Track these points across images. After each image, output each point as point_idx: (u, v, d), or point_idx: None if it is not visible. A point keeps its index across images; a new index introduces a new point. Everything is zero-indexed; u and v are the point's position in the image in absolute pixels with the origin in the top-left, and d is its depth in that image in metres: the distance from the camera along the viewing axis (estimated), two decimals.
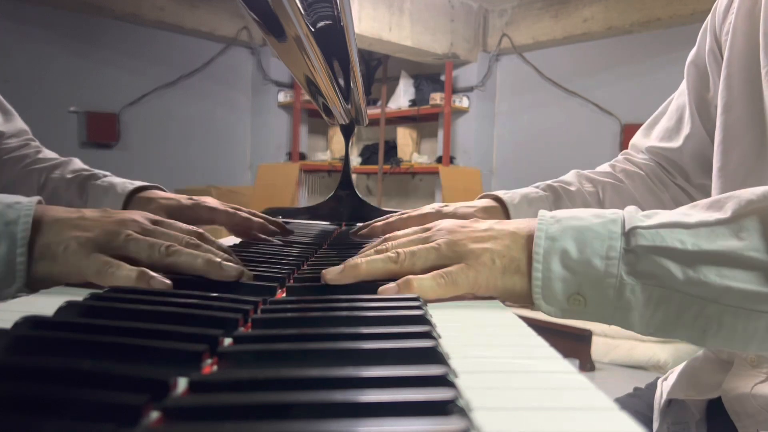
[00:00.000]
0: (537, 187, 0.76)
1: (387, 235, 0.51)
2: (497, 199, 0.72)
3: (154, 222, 0.49)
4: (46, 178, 0.76)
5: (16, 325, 0.28)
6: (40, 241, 0.43)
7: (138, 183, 0.75)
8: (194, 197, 0.73)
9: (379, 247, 0.48)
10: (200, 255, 0.44)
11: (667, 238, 0.41)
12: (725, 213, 0.42)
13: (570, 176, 0.79)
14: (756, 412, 0.62)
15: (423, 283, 0.41)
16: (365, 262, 0.44)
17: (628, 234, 0.41)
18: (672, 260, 0.40)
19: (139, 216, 0.48)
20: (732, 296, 0.39)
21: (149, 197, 0.72)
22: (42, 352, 0.26)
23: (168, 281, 0.41)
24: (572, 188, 0.75)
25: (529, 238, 0.44)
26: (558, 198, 0.74)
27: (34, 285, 0.43)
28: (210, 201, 0.73)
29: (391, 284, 0.42)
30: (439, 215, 0.67)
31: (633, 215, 0.43)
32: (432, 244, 0.45)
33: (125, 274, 0.41)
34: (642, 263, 0.41)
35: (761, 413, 0.61)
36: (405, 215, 0.69)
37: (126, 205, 0.71)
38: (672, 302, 0.40)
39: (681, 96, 0.76)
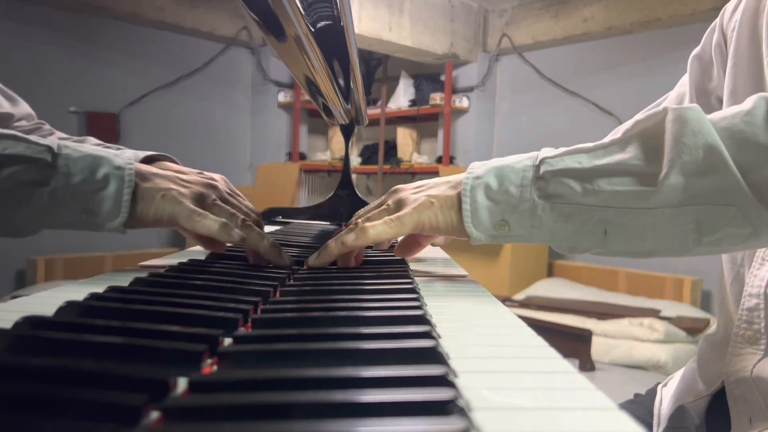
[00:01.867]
0: None
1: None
2: None
3: (230, 193, 0.58)
4: None
5: (16, 325, 0.29)
6: (144, 185, 0.51)
7: (149, 152, 0.72)
8: (205, 173, 0.73)
9: (347, 227, 0.55)
10: (266, 237, 0.52)
11: (568, 161, 0.48)
12: (618, 134, 0.49)
13: None
14: (753, 399, 0.62)
15: (376, 228, 0.51)
16: (332, 242, 0.52)
17: (539, 165, 0.48)
18: (572, 179, 0.47)
19: (222, 183, 0.58)
20: (620, 199, 0.46)
21: (162, 165, 0.73)
22: (42, 352, 0.26)
23: (244, 234, 0.50)
24: None
25: (461, 183, 0.51)
26: None
27: (130, 223, 0.51)
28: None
29: (350, 233, 0.51)
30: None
31: (546, 151, 0.50)
32: (382, 206, 0.55)
33: (210, 223, 0.50)
34: (550, 186, 0.47)
35: (758, 401, 0.61)
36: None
37: None
38: (576, 215, 0.47)
39: (681, 86, 0.81)
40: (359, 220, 0.53)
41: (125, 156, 0.52)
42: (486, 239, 0.50)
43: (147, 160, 0.72)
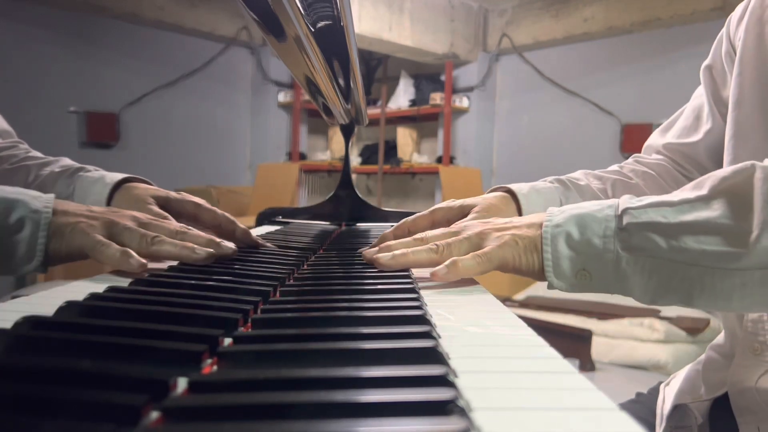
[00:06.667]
0: (545, 180, 0.77)
1: (421, 233, 0.57)
2: (507, 190, 0.74)
3: (153, 218, 0.57)
4: (35, 175, 0.74)
5: (16, 325, 0.29)
6: (54, 224, 0.51)
7: (126, 175, 0.74)
8: (182, 192, 0.73)
9: (417, 237, 0.55)
10: (178, 243, 0.52)
11: (653, 214, 0.47)
12: (704, 190, 0.48)
13: (577, 173, 0.80)
14: (759, 409, 0.62)
15: (465, 263, 0.49)
16: (411, 251, 0.52)
17: (621, 215, 0.48)
18: (657, 233, 0.47)
19: (139, 213, 0.58)
20: (708, 258, 0.45)
21: (136, 185, 0.72)
22: (42, 352, 0.26)
23: (144, 261, 0.49)
24: (581, 182, 0.77)
25: (542, 226, 0.51)
26: (567, 189, 0.75)
27: (47, 262, 0.51)
28: (196, 199, 0.72)
29: (440, 267, 0.49)
30: (450, 208, 0.68)
31: (627, 200, 0.49)
32: (463, 235, 0.53)
33: (111, 252, 0.49)
34: (634, 238, 0.47)
35: (764, 409, 0.61)
36: (413, 216, 0.69)
37: (112, 194, 0.71)
38: (662, 270, 0.46)
39: (697, 98, 0.80)
40: (439, 246, 0.52)
41: (45, 198, 0.52)
42: (567, 288, 0.49)
43: (124, 181, 0.73)
